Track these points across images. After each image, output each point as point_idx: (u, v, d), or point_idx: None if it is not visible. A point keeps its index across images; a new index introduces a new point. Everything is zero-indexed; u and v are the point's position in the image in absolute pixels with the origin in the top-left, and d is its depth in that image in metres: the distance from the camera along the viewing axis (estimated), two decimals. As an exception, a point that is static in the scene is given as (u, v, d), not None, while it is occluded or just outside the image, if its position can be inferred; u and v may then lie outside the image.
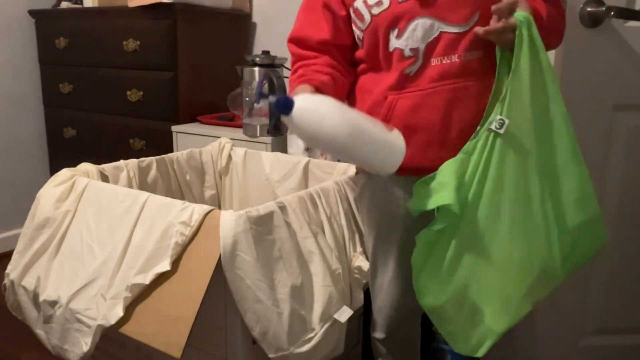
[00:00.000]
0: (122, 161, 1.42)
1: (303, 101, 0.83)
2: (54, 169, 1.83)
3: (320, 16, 1.06)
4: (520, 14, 0.89)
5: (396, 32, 0.98)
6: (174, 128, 1.98)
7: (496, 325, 0.93)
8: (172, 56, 1.97)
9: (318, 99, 0.87)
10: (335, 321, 1.08)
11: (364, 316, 1.35)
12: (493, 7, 0.90)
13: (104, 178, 1.35)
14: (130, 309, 1.04)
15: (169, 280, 1.02)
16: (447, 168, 0.93)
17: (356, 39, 1.06)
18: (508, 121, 0.90)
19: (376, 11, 0.99)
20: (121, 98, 2.12)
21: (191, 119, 2.05)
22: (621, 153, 1.33)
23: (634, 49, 1.27)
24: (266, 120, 1.77)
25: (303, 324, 1.04)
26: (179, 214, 1.04)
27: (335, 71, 1.05)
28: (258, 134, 1.78)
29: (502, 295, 0.93)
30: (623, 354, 1.45)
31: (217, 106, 2.12)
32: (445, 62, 0.97)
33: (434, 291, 0.95)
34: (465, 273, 0.93)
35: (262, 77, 0.90)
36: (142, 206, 1.11)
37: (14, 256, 1.26)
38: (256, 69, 1.78)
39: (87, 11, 2.23)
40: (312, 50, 1.07)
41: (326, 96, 0.88)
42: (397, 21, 0.97)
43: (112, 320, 1.03)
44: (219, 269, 0.98)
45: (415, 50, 0.97)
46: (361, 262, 1.20)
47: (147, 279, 1.02)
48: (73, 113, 2.34)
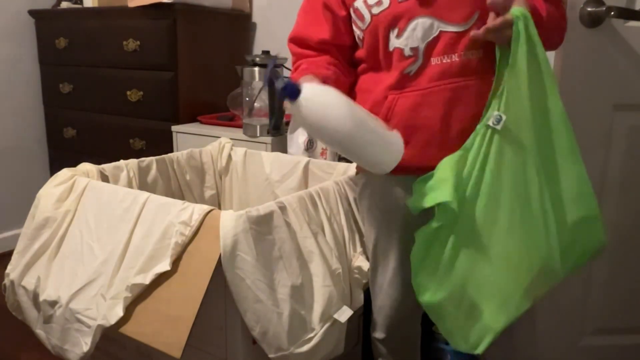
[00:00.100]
0: (122, 161, 1.42)
1: (311, 89, 0.83)
2: (54, 169, 1.83)
3: (320, 16, 1.06)
4: (516, 9, 0.88)
5: (396, 32, 0.98)
6: (174, 128, 1.98)
7: (495, 321, 0.93)
8: (172, 56, 1.97)
9: (325, 89, 0.87)
10: (335, 321, 1.08)
11: (364, 316, 1.35)
12: (488, 1, 0.89)
13: (104, 178, 1.35)
14: (130, 309, 1.04)
15: (169, 280, 1.02)
16: (446, 164, 0.93)
17: (356, 39, 1.06)
18: (505, 117, 0.89)
19: (376, 11, 0.99)
20: (121, 98, 2.12)
21: (191, 119, 2.04)
22: (621, 153, 1.33)
23: (634, 49, 1.27)
24: (266, 120, 1.77)
25: (303, 324, 1.04)
26: (179, 214, 1.04)
27: (337, 69, 1.05)
28: (258, 134, 1.78)
29: (501, 291, 0.93)
30: (623, 354, 1.45)
31: (217, 106, 2.12)
32: (445, 62, 0.97)
33: (432, 288, 0.94)
34: (463, 269, 0.93)
35: (273, 62, 0.90)
36: (142, 206, 1.11)
37: (14, 256, 1.26)
38: (256, 69, 1.78)
39: (87, 11, 2.23)
40: (313, 50, 1.07)
41: (332, 87, 0.88)
42: (397, 21, 0.97)
43: (112, 320, 1.03)
44: (219, 269, 0.98)
45: (415, 49, 0.97)
46: (361, 262, 1.20)
47: (147, 279, 1.02)
48: (73, 113, 2.34)
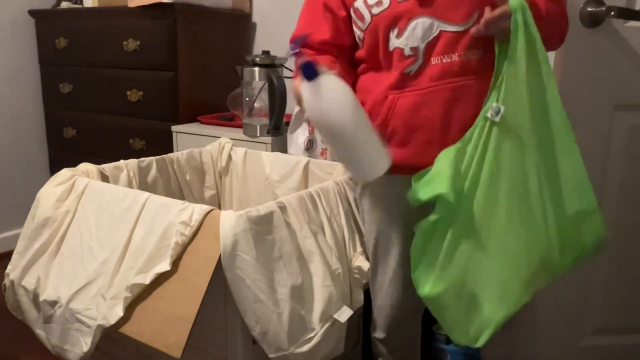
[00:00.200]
0: (122, 161, 1.42)
1: (329, 75, 0.87)
2: (54, 169, 1.83)
3: (321, 17, 1.07)
4: (514, 1, 0.88)
5: (396, 32, 0.98)
6: (174, 128, 1.98)
7: (494, 314, 0.92)
8: (172, 56, 1.97)
9: (341, 81, 0.90)
10: (335, 321, 1.08)
11: (364, 316, 1.35)
12: None
13: (104, 178, 1.35)
14: (130, 309, 1.04)
15: (169, 280, 1.02)
16: (444, 157, 0.93)
17: (357, 39, 1.06)
18: (504, 108, 0.89)
19: (376, 11, 0.99)
20: (121, 98, 2.12)
21: (191, 119, 2.04)
22: (621, 153, 1.33)
23: (634, 49, 1.27)
24: (266, 120, 1.77)
25: (303, 324, 1.04)
26: (179, 214, 1.04)
27: (340, 67, 1.05)
28: (258, 134, 1.78)
29: (500, 284, 0.93)
30: (623, 354, 1.45)
31: (217, 106, 2.12)
32: (445, 61, 0.97)
33: (432, 281, 0.94)
34: (462, 262, 0.93)
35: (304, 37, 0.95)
36: (142, 206, 1.11)
37: (14, 256, 1.26)
38: (256, 69, 1.78)
39: (87, 11, 2.22)
40: (314, 50, 1.08)
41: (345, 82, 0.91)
42: (397, 21, 0.97)
43: (112, 320, 1.03)
44: (219, 269, 0.98)
45: (415, 49, 0.97)
46: (361, 262, 1.20)
47: (147, 279, 1.02)
48: (73, 113, 2.34)
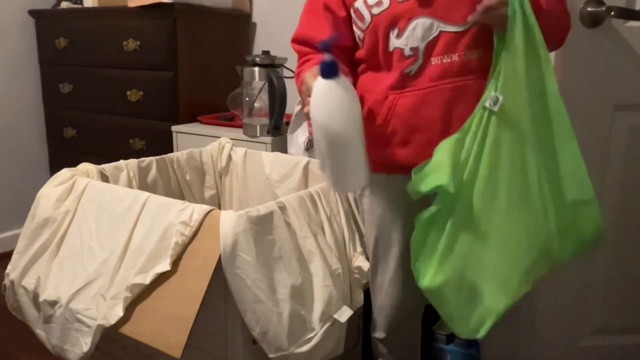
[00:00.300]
0: (122, 161, 1.42)
1: (346, 79, 0.88)
2: (54, 169, 1.83)
3: (321, 17, 1.07)
4: None
5: (396, 32, 0.98)
6: (174, 128, 1.98)
7: (495, 304, 0.92)
8: (172, 56, 1.97)
9: (354, 89, 0.92)
10: (335, 321, 1.08)
11: (364, 316, 1.35)
12: None
13: (104, 178, 1.35)
14: (130, 309, 1.04)
15: (169, 280, 1.02)
16: (443, 147, 0.92)
17: (357, 39, 1.06)
18: (502, 97, 0.88)
19: (376, 11, 0.99)
20: (121, 98, 2.12)
21: (191, 119, 2.04)
22: (621, 153, 1.33)
23: (634, 49, 1.27)
24: (266, 120, 1.77)
25: (303, 324, 1.04)
26: (179, 214, 1.04)
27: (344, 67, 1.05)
28: (258, 134, 1.78)
29: (500, 273, 0.92)
30: (623, 354, 1.45)
31: (217, 106, 2.12)
32: (445, 62, 0.97)
33: (432, 272, 0.93)
34: (462, 253, 0.92)
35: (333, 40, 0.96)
36: (142, 206, 1.11)
37: (14, 256, 1.26)
38: (256, 69, 1.78)
39: (87, 11, 2.22)
40: (315, 50, 1.07)
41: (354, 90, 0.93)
42: (397, 21, 0.97)
43: (112, 320, 1.03)
44: (219, 269, 0.98)
45: (415, 49, 0.97)
46: (361, 262, 1.20)
47: (147, 279, 1.02)
48: (73, 113, 2.34)
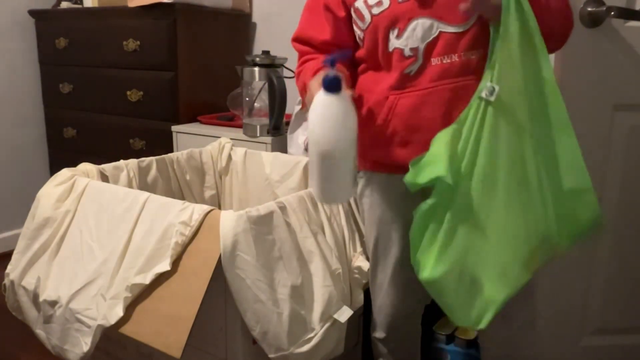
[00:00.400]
0: (122, 161, 1.42)
1: (347, 95, 0.87)
2: (54, 169, 1.83)
3: (321, 17, 1.07)
4: None
5: (396, 32, 0.98)
6: (174, 128, 1.98)
7: (496, 294, 0.92)
8: (172, 56, 1.97)
9: (353, 106, 0.91)
10: (335, 321, 1.08)
11: (364, 316, 1.35)
12: None
13: (104, 178, 1.35)
14: (130, 309, 1.04)
15: (169, 280, 1.02)
16: (440, 139, 0.92)
17: (357, 39, 1.06)
18: (498, 87, 0.88)
19: (376, 11, 0.99)
20: (121, 98, 2.12)
21: (191, 119, 2.04)
22: (621, 153, 1.33)
23: (634, 49, 1.27)
24: (266, 120, 1.77)
25: (303, 324, 1.04)
26: (179, 214, 1.04)
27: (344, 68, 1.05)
28: (258, 134, 1.78)
29: (500, 263, 0.92)
30: (623, 354, 1.45)
31: (217, 106, 2.12)
32: (445, 62, 0.97)
33: (431, 264, 0.93)
34: (461, 243, 0.92)
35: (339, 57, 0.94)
36: (142, 206, 1.11)
37: (14, 256, 1.26)
38: (256, 69, 1.78)
39: (87, 11, 2.22)
40: (316, 49, 1.08)
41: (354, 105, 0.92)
42: (397, 21, 0.97)
43: (112, 320, 1.03)
44: (219, 269, 0.98)
45: (415, 50, 0.97)
46: (361, 262, 1.20)
47: (147, 279, 1.02)
48: (73, 113, 2.34)
